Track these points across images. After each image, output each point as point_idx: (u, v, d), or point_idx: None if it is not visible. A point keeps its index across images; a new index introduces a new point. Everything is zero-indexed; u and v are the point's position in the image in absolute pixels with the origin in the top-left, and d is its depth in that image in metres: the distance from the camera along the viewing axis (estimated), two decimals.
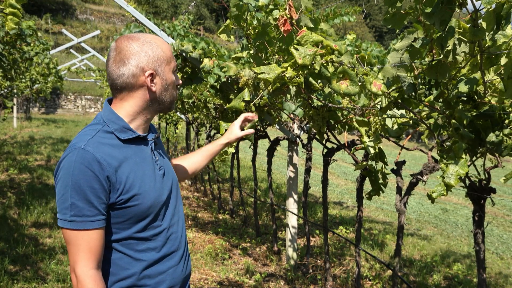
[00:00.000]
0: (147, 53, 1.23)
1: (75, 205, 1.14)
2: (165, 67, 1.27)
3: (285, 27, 1.98)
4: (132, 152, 1.25)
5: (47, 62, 8.39)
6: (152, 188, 1.25)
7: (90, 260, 1.15)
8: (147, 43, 1.24)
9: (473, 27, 1.30)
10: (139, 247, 1.24)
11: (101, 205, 1.16)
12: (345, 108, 2.35)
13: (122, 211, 1.20)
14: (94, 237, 1.16)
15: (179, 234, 1.35)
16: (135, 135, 1.26)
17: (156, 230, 1.26)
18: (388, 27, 1.52)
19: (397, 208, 2.30)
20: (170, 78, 1.29)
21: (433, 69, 1.53)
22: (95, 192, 1.15)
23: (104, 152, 1.18)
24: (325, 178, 3.16)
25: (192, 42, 3.23)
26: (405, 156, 16.02)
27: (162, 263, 1.28)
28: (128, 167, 1.21)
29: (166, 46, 1.28)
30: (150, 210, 1.24)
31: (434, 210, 8.42)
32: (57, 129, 15.71)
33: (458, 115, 1.62)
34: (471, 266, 4.62)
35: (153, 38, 1.27)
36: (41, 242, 4.22)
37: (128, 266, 1.23)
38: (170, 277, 1.30)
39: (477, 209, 1.95)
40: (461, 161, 1.58)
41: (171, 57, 1.29)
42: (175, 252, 1.32)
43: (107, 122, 1.24)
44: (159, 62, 1.25)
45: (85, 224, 1.15)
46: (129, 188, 1.20)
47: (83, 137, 1.20)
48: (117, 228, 1.22)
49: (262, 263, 4.13)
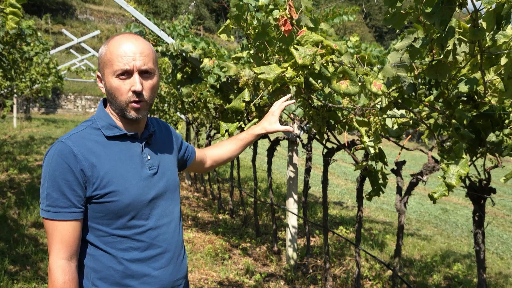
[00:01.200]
0: (100, 55, 1.24)
1: (50, 195, 1.19)
2: (106, 70, 1.22)
3: (285, 27, 1.98)
4: (117, 149, 1.25)
5: (47, 62, 8.39)
6: (133, 186, 1.24)
7: (62, 251, 1.18)
8: (106, 43, 1.24)
9: (473, 27, 1.30)
10: (121, 246, 1.23)
11: (75, 197, 1.19)
12: (345, 108, 2.35)
13: (100, 206, 1.21)
14: (67, 228, 1.18)
15: (169, 236, 1.32)
16: (121, 133, 1.26)
17: (139, 229, 1.25)
18: (388, 27, 1.52)
19: (397, 208, 2.30)
20: (109, 83, 1.22)
21: (433, 69, 1.53)
22: (69, 185, 1.18)
23: (84, 147, 1.20)
24: (325, 178, 3.16)
25: (192, 42, 3.24)
26: (405, 156, 16.02)
27: (146, 264, 1.26)
28: (109, 164, 1.21)
29: (116, 47, 1.20)
30: (129, 208, 1.22)
31: (434, 210, 8.42)
32: (57, 129, 15.70)
33: (458, 115, 1.62)
34: (471, 266, 4.62)
35: (117, 37, 1.23)
36: (41, 242, 4.22)
37: (111, 264, 1.23)
38: (156, 279, 1.27)
39: (477, 209, 1.96)
40: (462, 161, 1.58)
41: (114, 60, 1.19)
42: (163, 254, 1.29)
43: (96, 119, 1.27)
44: (101, 64, 1.23)
45: (57, 214, 1.18)
46: (106, 184, 1.20)
47: (70, 132, 1.25)
48: (97, 223, 1.22)
49: (262, 263, 4.13)
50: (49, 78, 11.13)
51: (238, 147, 1.69)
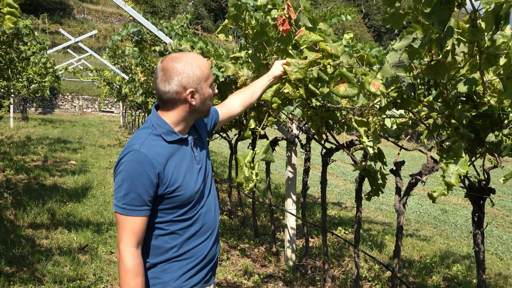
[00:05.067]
0: (188, 74, 1.49)
1: (127, 196, 1.42)
2: (203, 84, 1.53)
3: (283, 26, 1.98)
4: (175, 151, 1.51)
5: (44, 62, 8.37)
6: (191, 180, 1.53)
7: (132, 240, 1.43)
8: (188, 65, 1.49)
9: (472, 27, 1.30)
10: (179, 226, 1.52)
11: (148, 198, 1.44)
12: (344, 108, 2.35)
13: (169, 200, 1.48)
14: (138, 222, 1.44)
15: (213, 214, 1.64)
16: (178, 137, 1.52)
17: (193, 213, 1.54)
18: (387, 27, 1.52)
19: (396, 208, 2.30)
20: (208, 93, 1.55)
21: (432, 69, 1.53)
22: (145, 187, 1.42)
23: (155, 152, 1.45)
24: (323, 178, 3.16)
25: (190, 42, 3.23)
26: (404, 156, 16.04)
27: (197, 237, 1.56)
28: (173, 164, 1.48)
29: (205, 65, 1.53)
30: (190, 198, 1.52)
31: (434, 210, 8.43)
32: (54, 129, 15.68)
33: (458, 115, 1.63)
34: (470, 267, 4.62)
35: (194, 58, 1.52)
36: (38, 243, 4.21)
37: (170, 241, 1.51)
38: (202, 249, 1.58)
39: (476, 210, 1.96)
40: (461, 160, 1.58)
41: (208, 74, 1.54)
42: (208, 231, 1.61)
43: (155, 127, 1.51)
44: (198, 81, 1.51)
45: (132, 212, 1.43)
46: (174, 181, 1.47)
47: (138, 140, 1.47)
48: (163, 213, 1.50)
49: (260, 264, 4.13)
50: (46, 78, 11.12)
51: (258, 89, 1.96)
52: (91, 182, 7.15)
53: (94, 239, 4.44)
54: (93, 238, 4.47)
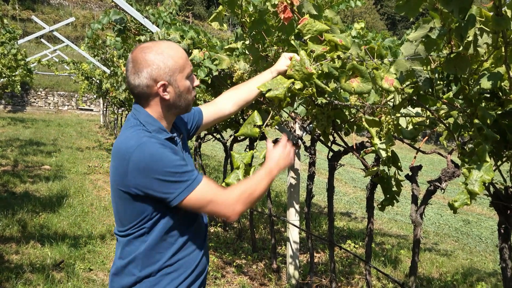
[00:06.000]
0: (159, 65, 1.49)
1: (178, 174, 1.44)
2: (178, 76, 1.53)
3: (285, 14, 1.99)
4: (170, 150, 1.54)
5: (14, 53, 8.36)
6: None
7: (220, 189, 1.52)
8: (159, 55, 1.50)
9: (497, 16, 1.31)
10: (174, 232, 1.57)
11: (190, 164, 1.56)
12: (353, 106, 2.36)
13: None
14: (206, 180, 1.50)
15: (202, 221, 1.70)
16: (169, 135, 1.56)
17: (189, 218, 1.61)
18: (401, 14, 1.53)
19: (413, 219, 2.31)
20: (183, 85, 1.56)
21: (451, 63, 1.54)
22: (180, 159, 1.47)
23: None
24: (330, 185, 3.17)
25: (180, 31, 3.24)
26: (422, 160, 16.06)
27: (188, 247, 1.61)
28: None
29: (179, 55, 1.53)
30: None
31: (455, 222, 8.45)
32: (26, 130, 15.66)
33: (481, 114, 1.63)
34: (497, 285, 4.63)
35: (166, 47, 1.52)
36: (7, 259, 4.20)
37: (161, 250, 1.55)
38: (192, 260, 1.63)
39: (503, 221, 1.96)
40: (485, 165, 1.59)
41: (183, 64, 1.54)
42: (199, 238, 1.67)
43: (145, 124, 1.52)
44: (170, 72, 1.51)
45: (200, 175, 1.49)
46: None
47: (136, 135, 1.48)
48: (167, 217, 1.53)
49: (259, 282, 4.13)
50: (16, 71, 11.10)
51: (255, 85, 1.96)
52: (67, 190, 7.14)
53: (70, 254, 4.43)
54: (70, 253, 4.46)
